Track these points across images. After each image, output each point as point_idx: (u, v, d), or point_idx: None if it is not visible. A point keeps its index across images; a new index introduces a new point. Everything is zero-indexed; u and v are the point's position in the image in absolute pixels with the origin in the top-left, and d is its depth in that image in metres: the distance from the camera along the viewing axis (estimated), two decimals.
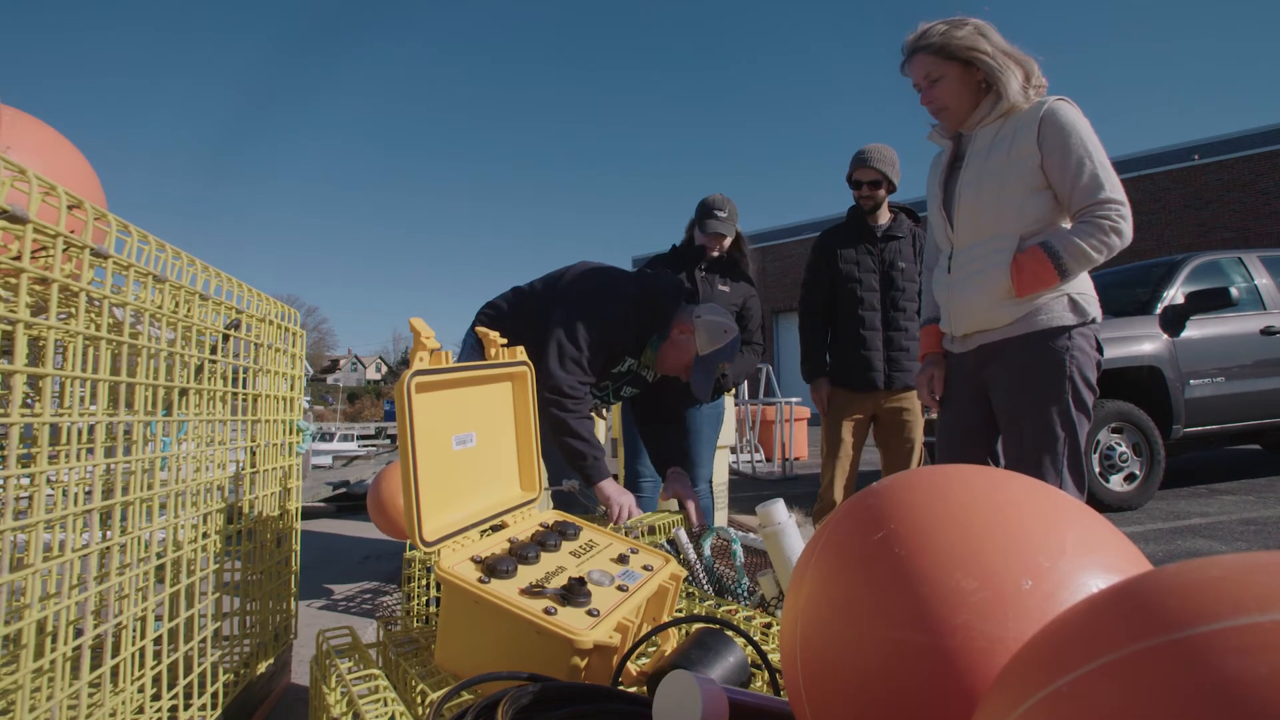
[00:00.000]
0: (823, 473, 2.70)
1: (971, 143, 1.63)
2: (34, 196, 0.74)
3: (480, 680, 0.73)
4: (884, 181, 2.59)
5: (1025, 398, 1.57)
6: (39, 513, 0.79)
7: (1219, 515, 3.70)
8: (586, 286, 1.94)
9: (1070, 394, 1.53)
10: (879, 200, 2.64)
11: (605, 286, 1.94)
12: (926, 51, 1.60)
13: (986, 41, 1.56)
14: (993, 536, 0.52)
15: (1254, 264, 4.62)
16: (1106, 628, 0.32)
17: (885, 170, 2.56)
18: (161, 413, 1.07)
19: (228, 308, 1.28)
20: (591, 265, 2.07)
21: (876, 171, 2.57)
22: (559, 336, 1.84)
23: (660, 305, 2.00)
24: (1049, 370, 1.54)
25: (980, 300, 1.59)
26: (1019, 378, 1.58)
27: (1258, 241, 11.89)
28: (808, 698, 0.58)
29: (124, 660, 0.95)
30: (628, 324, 1.94)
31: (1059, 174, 1.51)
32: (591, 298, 1.90)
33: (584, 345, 1.84)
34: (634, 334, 1.98)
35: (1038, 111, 1.53)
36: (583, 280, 1.97)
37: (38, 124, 1.32)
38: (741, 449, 7.21)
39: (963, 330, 1.67)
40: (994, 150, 1.57)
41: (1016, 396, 1.59)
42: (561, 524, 1.20)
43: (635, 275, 2.07)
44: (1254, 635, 0.26)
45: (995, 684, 0.39)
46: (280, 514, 1.55)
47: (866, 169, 2.58)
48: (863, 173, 2.60)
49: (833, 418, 2.69)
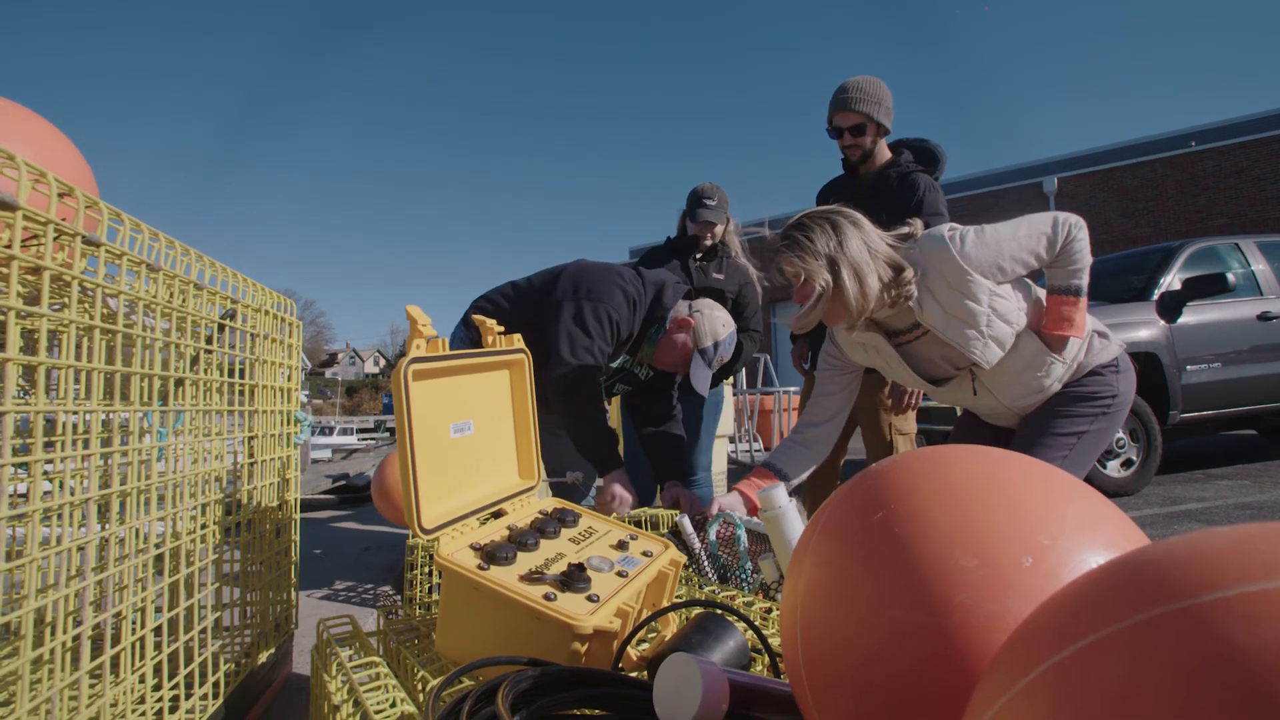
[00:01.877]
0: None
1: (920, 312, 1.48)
2: (23, 183, 0.74)
3: (480, 665, 0.73)
4: (870, 124, 2.12)
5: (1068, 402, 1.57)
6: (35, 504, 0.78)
7: (1215, 500, 3.72)
8: (592, 278, 1.95)
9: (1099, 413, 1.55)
10: (867, 149, 2.16)
11: (609, 279, 1.95)
12: (788, 255, 1.47)
13: (840, 251, 1.43)
14: (992, 515, 0.52)
15: (1251, 250, 4.62)
16: (1110, 599, 0.32)
17: (868, 110, 2.11)
18: (158, 403, 1.06)
19: (223, 298, 1.28)
20: (591, 261, 2.07)
21: (859, 115, 2.11)
22: (569, 325, 1.85)
23: (660, 298, 2.01)
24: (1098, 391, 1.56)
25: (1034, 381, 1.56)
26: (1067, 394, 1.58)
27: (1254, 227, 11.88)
28: (808, 679, 0.58)
29: (124, 650, 0.95)
30: (634, 314, 1.95)
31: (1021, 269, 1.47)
32: (597, 289, 1.91)
33: (594, 333, 1.85)
34: (640, 324, 1.98)
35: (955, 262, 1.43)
36: (587, 273, 1.97)
37: (28, 113, 1.30)
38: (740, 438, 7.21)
39: (1028, 409, 1.63)
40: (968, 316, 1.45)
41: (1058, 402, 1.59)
42: (561, 511, 1.20)
43: (635, 269, 2.07)
44: (1259, 603, 0.26)
45: (997, 658, 0.39)
46: (279, 504, 1.55)
47: (846, 113, 2.12)
48: (842, 117, 2.13)
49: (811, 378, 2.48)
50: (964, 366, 1.57)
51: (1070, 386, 1.58)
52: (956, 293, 1.45)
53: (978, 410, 1.71)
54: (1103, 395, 1.56)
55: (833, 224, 1.46)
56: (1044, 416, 1.59)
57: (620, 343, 1.96)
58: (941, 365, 1.59)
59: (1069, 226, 1.46)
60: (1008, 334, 1.47)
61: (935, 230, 1.49)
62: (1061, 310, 1.50)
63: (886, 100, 2.14)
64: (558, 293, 1.93)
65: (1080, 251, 1.48)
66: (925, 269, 1.47)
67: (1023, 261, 1.46)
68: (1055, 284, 1.52)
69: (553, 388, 1.82)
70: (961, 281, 1.44)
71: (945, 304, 1.47)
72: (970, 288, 1.44)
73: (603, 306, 1.88)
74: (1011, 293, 1.49)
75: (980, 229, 1.47)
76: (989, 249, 1.44)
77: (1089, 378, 1.57)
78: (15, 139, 1.19)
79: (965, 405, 1.70)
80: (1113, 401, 1.56)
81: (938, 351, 1.56)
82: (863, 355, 1.66)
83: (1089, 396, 1.56)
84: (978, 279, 1.43)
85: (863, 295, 1.44)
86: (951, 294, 1.45)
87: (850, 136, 2.15)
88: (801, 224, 1.48)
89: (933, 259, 1.46)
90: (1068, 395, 1.58)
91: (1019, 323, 1.48)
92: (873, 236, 1.47)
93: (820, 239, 1.44)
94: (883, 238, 1.49)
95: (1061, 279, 1.50)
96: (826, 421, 1.72)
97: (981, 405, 1.66)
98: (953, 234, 1.45)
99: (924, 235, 1.51)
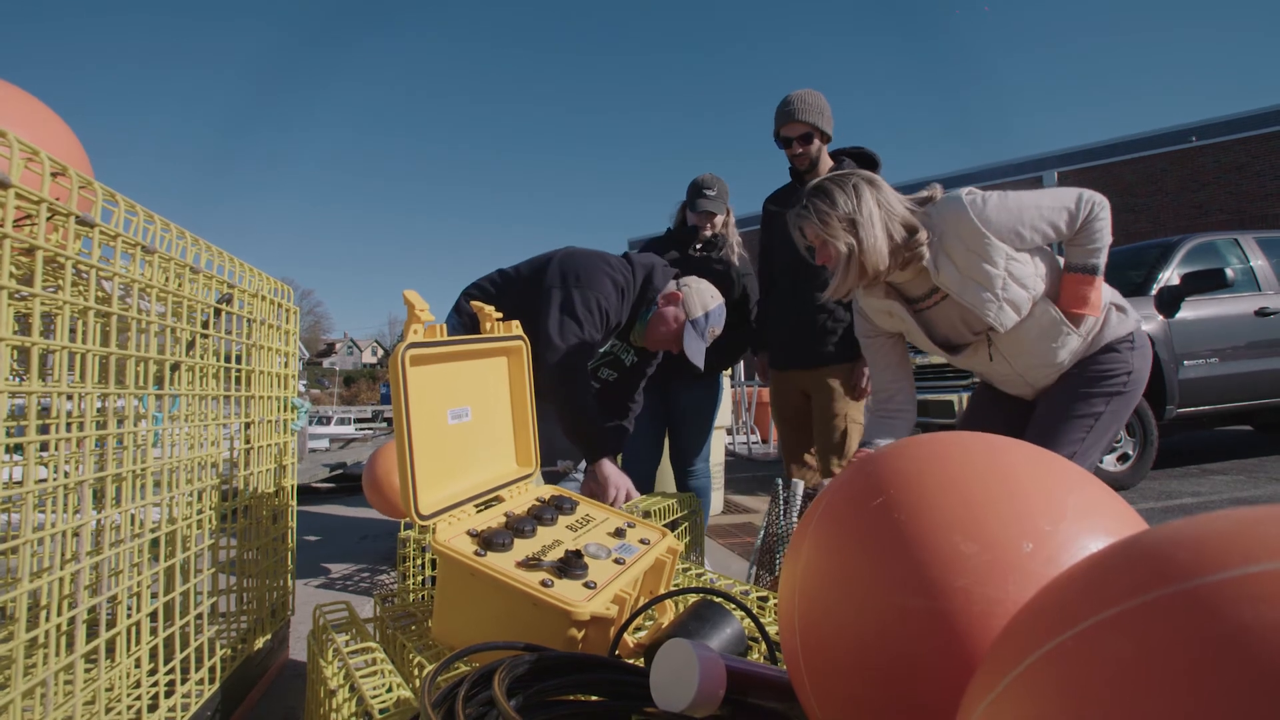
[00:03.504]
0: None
1: (936, 275, 1.50)
2: (15, 161, 0.73)
3: (476, 650, 0.73)
4: (815, 133, 2.25)
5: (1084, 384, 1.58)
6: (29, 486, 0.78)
7: (1210, 495, 3.73)
8: (581, 266, 1.94)
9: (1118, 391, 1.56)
10: (813, 156, 2.29)
11: (598, 266, 1.95)
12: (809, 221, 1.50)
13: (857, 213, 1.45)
14: (993, 501, 0.52)
15: (1250, 245, 4.62)
16: (1113, 581, 0.32)
17: (813, 120, 2.23)
18: (153, 388, 1.05)
19: (219, 282, 1.27)
20: (580, 248, 2.07)
21: (804, 125, 2.23)
22: (558, 310, 1.84)
23: (650, 280, 2.02)
24: (1113, 369, 1.56)
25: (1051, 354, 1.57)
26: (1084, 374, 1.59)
27: (1254, 223, 11.90)
28: (806, 665, 0.58)
29: (120, 634, 0.94)
30: (623, 301, 1.94)
31: (1040, 240, 1.48)
32: (587, 276, 1.91)
33: (584, 320, 1.85)
34: (630, 307, 1.98)
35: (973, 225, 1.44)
36: (574, 259, 1.97)
37: (22, 94, 1.29)
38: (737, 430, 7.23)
39: (1046, 382, 1.64)
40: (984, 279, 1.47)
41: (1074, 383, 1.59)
42: (558, 498, 1.20)
43: (625, 256, 2.08)
44: (1264, 583, 0.26)
45: (998, 641, 0.39)
46: (276, 490, 1.54)
47: (793, 123, 2.24)
48: (790, 128, 2.26)
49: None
50: (981, 331, 1.57)
51: (1086, 363, 1.58)
52: (973, 255, 1.46)
53: (993, 377, 1.71)
54: (1117, 373, 1.56)
55: (853, 185, 1.48)
56: (1059, 402, 1.60)
57: (609, 329, 1.96)
58: (959, 330, 1.60)
59: (1092, 204, 1.47)
60: (1023, 298, 1.48)
61: (955, 193, 1.50)
62: (1078, 289, 1.51)
63: (828, 110, 2.29)
64: (547, 280, 1.92)
65: (1100, 231, 1.48)
66: (943, 231, 1.49)
67: (1041, 232, 1.47)
68: (1073, 261, 1.52)
69: (543, 374, 1.82)
70: (979, 244, 1.45)
71: (961, 266, 1.48)
72: (987, 250, 1.45)
73: (592, 294, 1.88)
74: (1030, 259, 1.49)
75: (1003, 194, 1.48)
76: (1009, 213, 1.45)
77: (1104, 354, 1.57)
78: (7, 118, 1.17)
79: (982, 372, 1.71)
80: (1128, 379, 1.57)
81: (956, 315, 1.57)
82: (888, 321, 1.67)
83: (1103, 376, 1.56)
84: (995, 242, 1.45)
85: (878, 256, 1.46)
86: (968, 256, 1.47)
87: (798, 145, 2.28)
88: (821, 188, 1.50)
89: (950, 221, 1.48)
90: (1082, 376, 1.58)
91: (1036, 289, 1.49)
92: (889, 197, 1.49)
93: (841, 201, 1.47)
94: (900, 200, 1.51)
95: (1079, 257, 1.51)
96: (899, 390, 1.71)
97: (997, 372, 1.66)
98: (972, 197, 1.47)
99: (943, 198, 1.52)
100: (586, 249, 2.06)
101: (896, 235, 1.48)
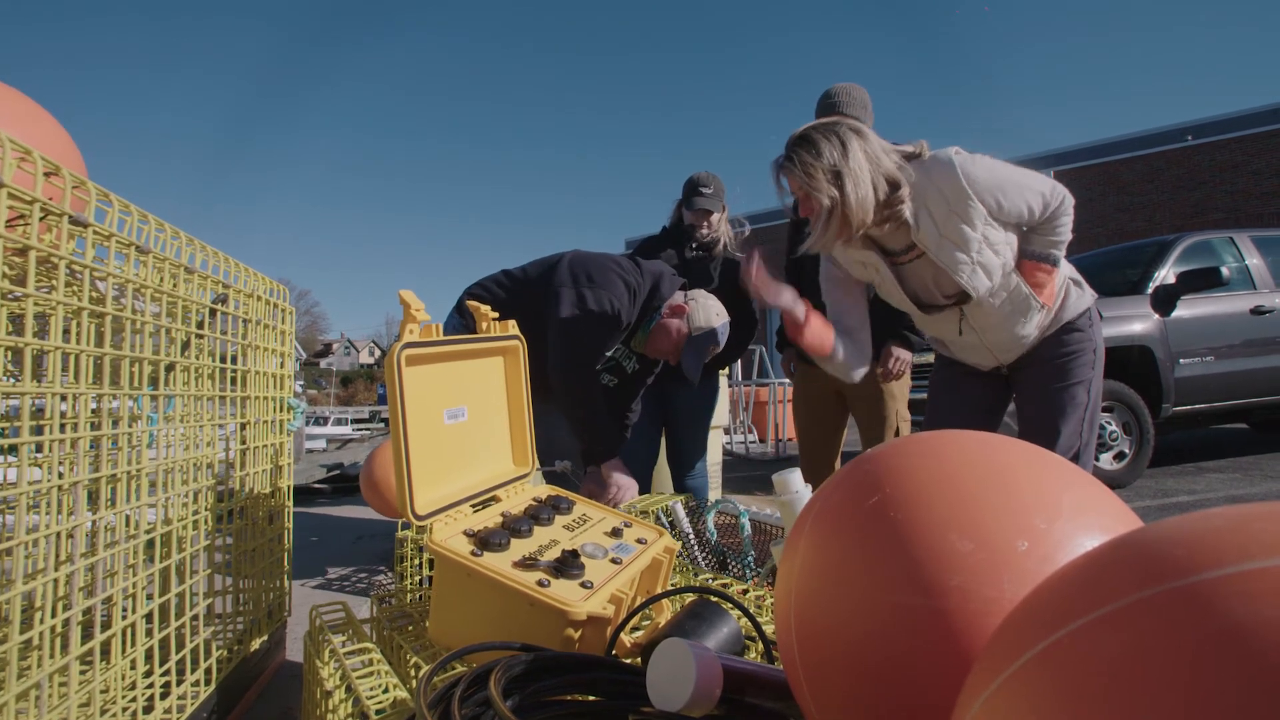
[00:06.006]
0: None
1: (920, 243, 1.51)
2: (8, 161, 0.72)
3: (472, 650, 0.73)
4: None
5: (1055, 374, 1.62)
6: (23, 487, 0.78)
7: (1206, 493, 3.74)
8: (592, 267, 1.94)
9: (1090, 363, 1.62)
10: None
11: (609, 267, 1.96)
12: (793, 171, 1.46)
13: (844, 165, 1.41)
14: (988, 499, 0.52)
15: (1245, 244, 4.64)
16: (1108, 578, 0.32)
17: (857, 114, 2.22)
18: (148, 388, 1.05)
19: (214, 282, 1.26)
20: (588, 251, 2.07)
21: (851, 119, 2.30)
22: (571, 311, 1.85)
23: (658, 288, 2.01)
24: (1076, 345, 1.61)
25: (1020, 329, 1.60)
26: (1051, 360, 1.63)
27: (1250, 222, 11.92)
28: (802, 663, 0.58)
29: (115, 635, 0.94)
30: (634, 302, 1.95)
31: (1012, 217, 1.50)
32: (599, 277, 1.91)
33: (596, 317, 1.85)
34: (636, 313, 1.98)
35: (958, 181, 1.44)
36: (587, 262, 1.97)
37: (14, 93, 1.28)
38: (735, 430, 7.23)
39: (1012, 358, 1.68)
40: (957, 238, 1.48)
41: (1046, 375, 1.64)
42: (555, 498, 1.20)
43: (633, 259, 2.07)
44: (1259, 580, 0.26)
45: (994, 639, 0.39)
46: (272, 491, 1.54)
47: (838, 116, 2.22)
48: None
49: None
50: (953, 295, 1.58)
51: (1054, 346, 1.62)
52: (954, 215, 1.46)
53: (955, 346, 1.73)
54: (1084, 352, 1.62)
55: (838, 135, 1.43)
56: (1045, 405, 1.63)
57: (619, 330, 1.96)
58: (930, 290, 1.61)
59: (1063, 196, 1.52)
60: (996, 265, 1.50)
61: (943, 151, 1.49)
62: (1036, 275, 1.54)
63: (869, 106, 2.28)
64: (557, 280, 1.92)
65: (1064, 225, 1.53)
66: (926, 189, 1.46)
67: (1016, 209, 1.49)
68: (1033, 249, 1.54)
69: (554, 374, 1.82)
70: (961, 203, 1.45)
71: (941, 225, 1.47)
72: (968, 210, 1.45)
73: (604, 294, 1.88)
74: (1001, 229, 1.51)
75: (991, 159, 1.49)
76: (995, 175, 1.46)
77: (1068, 334, 1.61)
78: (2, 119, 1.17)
79: (949, 340, 1.72)
80: (1094, 357, 1.63)
81: (929, 274, 1.57)
82: (862, 271, 1.65)
83: (1074, 359, 1.62)
84: (976, 205, 1.45)
85: (863, 210, 1.42)
86: (949, 216, 1.47)
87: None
88: (806, 137, 1.44)
89: (936, 177, 1.46)
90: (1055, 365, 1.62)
91: (1008, 258, 1.52)
92: (875, 148, 1.45)
93: (826, 151, 1.41)
94: (886, 150, 1.47)
95: (1041, 246, 1.54)
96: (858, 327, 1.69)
97: (964, 341, 1.68)
98: (961, 157, 1.46)
99: (931, 156, 1.50)
100: (595, 252, 2.06)
101: (880, 191, 1.44)
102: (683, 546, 1.52)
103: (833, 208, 1.42)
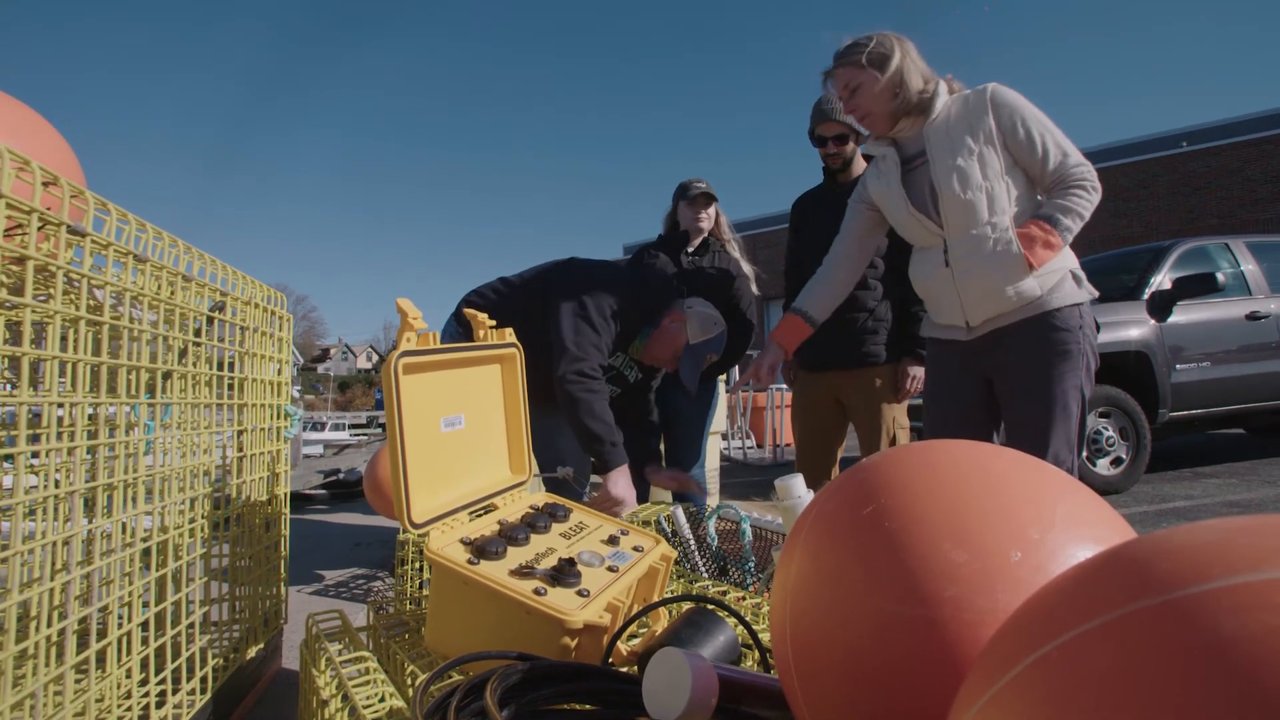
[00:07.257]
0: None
1: (926, 140, 1.64)
2: (6, 171, 0.72)
3: (468, 659, 0.73)
4: (851, 135, 2.22)
5: (1041, 375, 1.60)
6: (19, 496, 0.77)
7: (1203, 498, 3.75)
8: (590, 274, 1.95)
9: (1083, 368, 1.60)
10: (848, 156, 2.26)
11: (606, 274, 1.96)
12: (843, 65, 1.67)
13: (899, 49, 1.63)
14: (982, 509, 0.52)
15: (1240, 250, 4.65)
16: (1098, 591, 0.32)
17: (850, 121, 2.17)
18: (145, 396, 1.05)
19: (212, 290, 1.27)
20: (586, 259, 2.07)
21: (841, 125, 2.20)
22: (572, 319, 1.85)
23: (655, 294, 2.02)
24: (1064, 346, 1.59)
25: (998, 282, 1.59)
26: (1035, 356, 1.61)
27: (1245, 228, 11.98)
28: (797, 672, 0.58)
29: (110, 644, 0.94)
30: (635, 306, 1.95)
31: (1025, 152, 1.57)
32: (598, 283, 1.92)
33: (598, 326, 1.86)
34: (635, 320, 1.99)
35: (984, 97, 1.59)
36: (584, 268, 1.98)
37: (13, 102, 1.29)
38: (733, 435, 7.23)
39: (980, 318, 1.66)
40: (957, 141, 1.59)
41: (1032, 374, 1.62)
42: (551, 506, 1.20)
43: (630, 266, 2.08)
44: (1247, 594, 0.26)
45: (986, 650, 0.39)
46: (269, 499, 1.54)
47: (829, 123, 2.21)
48: (825, 127, 2.22)
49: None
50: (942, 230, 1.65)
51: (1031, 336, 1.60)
52: (964, 123, 1.59)
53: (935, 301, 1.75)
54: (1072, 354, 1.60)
55: (879, 35, 1.64)
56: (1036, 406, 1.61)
57: (618, 337, 1.96)
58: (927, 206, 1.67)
59: (1085, 167, 1.56)
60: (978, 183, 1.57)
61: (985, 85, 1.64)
62: (1033, 230, 1.55)
63: None
64: (558, 288, 1.92)
65: (1079, 197, 1.55)
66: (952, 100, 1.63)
67: (1034, 142, 1.56)
68: (1043, 211, 1.57)
69: (558, 385, 1.82)
70: (976, 114, 1.58)
71: (951, 128, 1.60)
72: (981, 121, 1.57)
73: (605, 301, 1.88)
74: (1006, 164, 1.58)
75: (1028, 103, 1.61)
76: (1023, 102, 1.58)
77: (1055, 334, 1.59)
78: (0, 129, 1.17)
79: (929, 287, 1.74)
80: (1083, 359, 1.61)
81: (927, 187, 1.66)
82: (875, 181, 1.79)
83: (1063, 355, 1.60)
84: (989, 119, 1.57)
85: (911, 83, 1.62)
86: (959, 123, 1.60)
87: (834, 145, 2.27)
88: (856, 42, 1.66)
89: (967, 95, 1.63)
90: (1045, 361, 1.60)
91: (998, 190, 1.57)
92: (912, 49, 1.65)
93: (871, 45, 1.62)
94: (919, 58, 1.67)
95: (1051, 209, 1.56)
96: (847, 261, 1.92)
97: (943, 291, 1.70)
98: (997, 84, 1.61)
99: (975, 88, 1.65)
100: (593, 259, 2.07)
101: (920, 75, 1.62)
102: (683, 553, 1.53)
103: (883, 85, 1.61)
